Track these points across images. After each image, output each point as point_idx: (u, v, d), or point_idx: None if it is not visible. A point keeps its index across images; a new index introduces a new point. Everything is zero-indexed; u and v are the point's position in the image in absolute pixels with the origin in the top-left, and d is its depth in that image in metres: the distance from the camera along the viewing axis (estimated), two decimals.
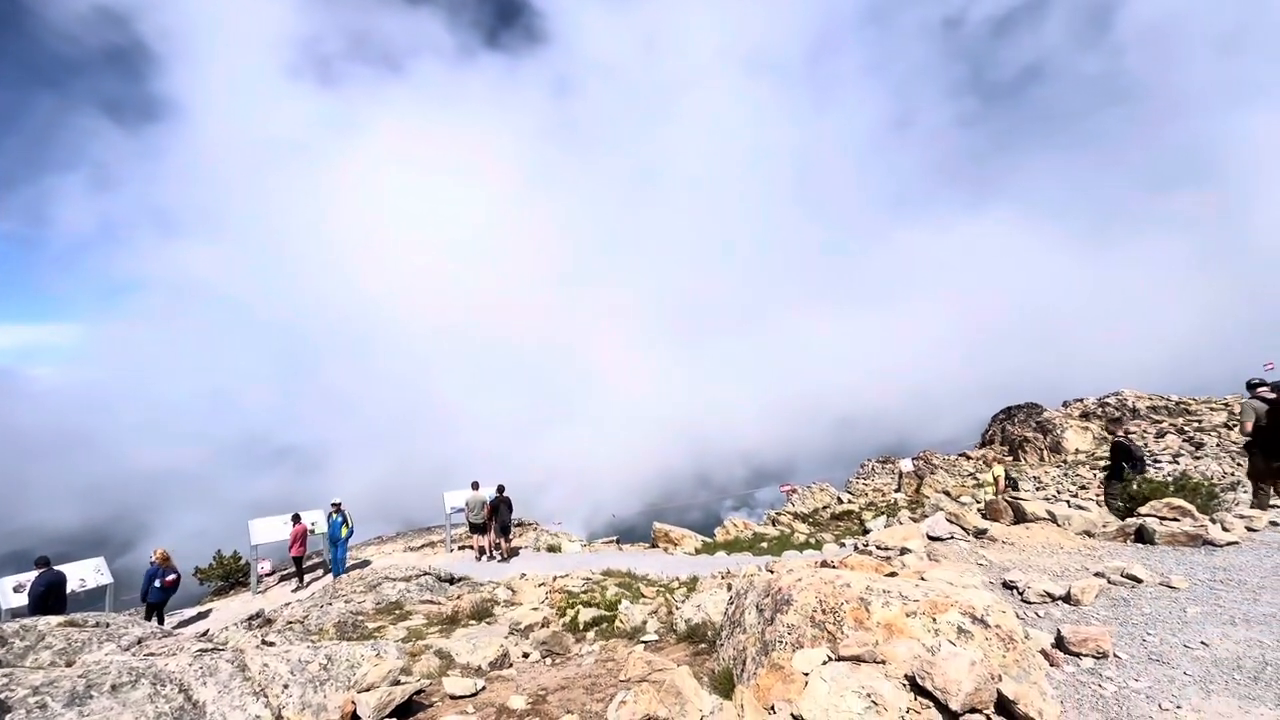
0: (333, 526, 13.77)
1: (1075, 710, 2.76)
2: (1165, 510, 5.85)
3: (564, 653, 5.46)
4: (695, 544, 19.40)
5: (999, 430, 22.03)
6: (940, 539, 5.34)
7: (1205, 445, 12.60)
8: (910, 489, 19.47)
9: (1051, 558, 5.02)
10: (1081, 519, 5.72)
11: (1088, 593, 3.95)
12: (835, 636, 3.10)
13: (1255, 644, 3.25)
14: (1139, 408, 17.18)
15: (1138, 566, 4.41)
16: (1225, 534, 5.26)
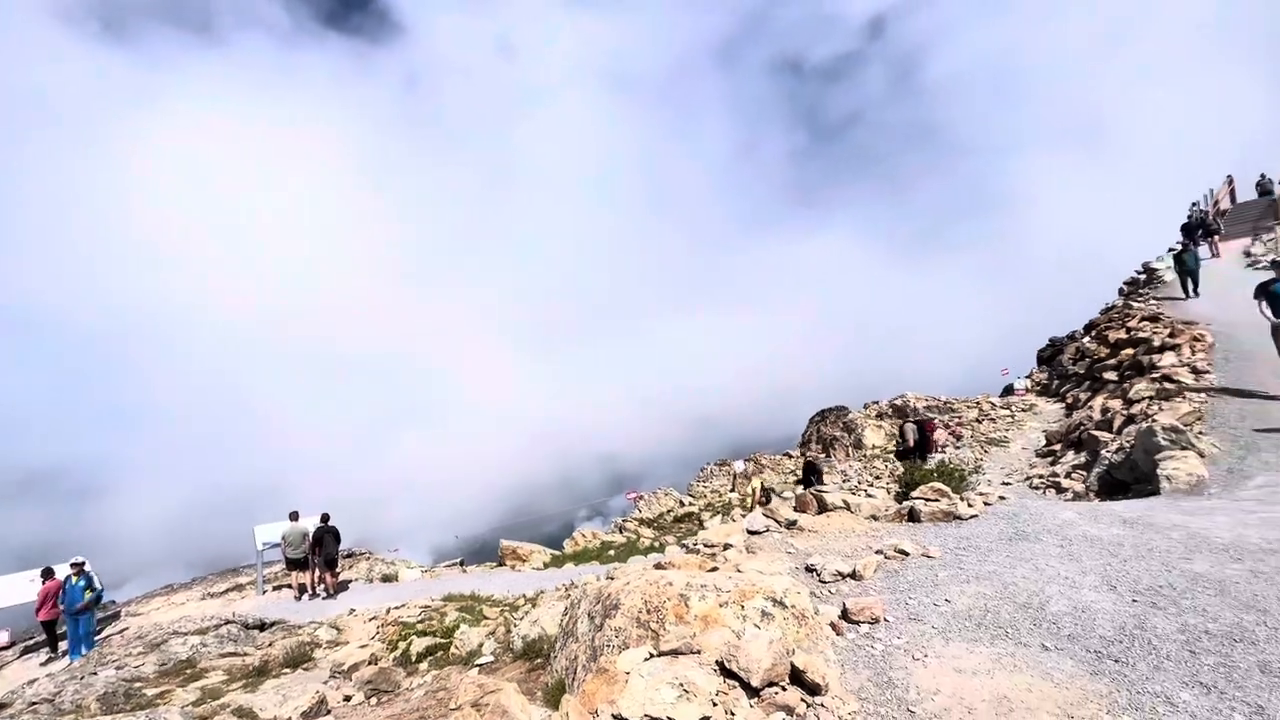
0: (70, 593, 10.73)
1: (852, 670, 3.23)
2: (929, 493, 7.04)
3: (392, 689, 5.10)
4: (544, 558, 19.18)
5: (815, 431, 24.89)
6: (758, 532, 5.90)
7: (964, 438, 15.33)
8: (744, 488, 21.19)
9: (845, 541, 5.79)
10: (870, 505, 6.68)
11: (869, 568, 4.64)
12: (658, 634, 3.30)
13: (981, 596, 4.06)
14: (918, 407, 20.51)
15: (907, 542, 5.26)
16: (970, 509, 6.47)
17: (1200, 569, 4.26)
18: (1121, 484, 8.20)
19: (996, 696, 2.81)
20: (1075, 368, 17.33)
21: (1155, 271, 20.06)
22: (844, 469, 16.77)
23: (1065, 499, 8.88)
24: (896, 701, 2.90)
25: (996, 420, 17.33)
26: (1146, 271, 20.33)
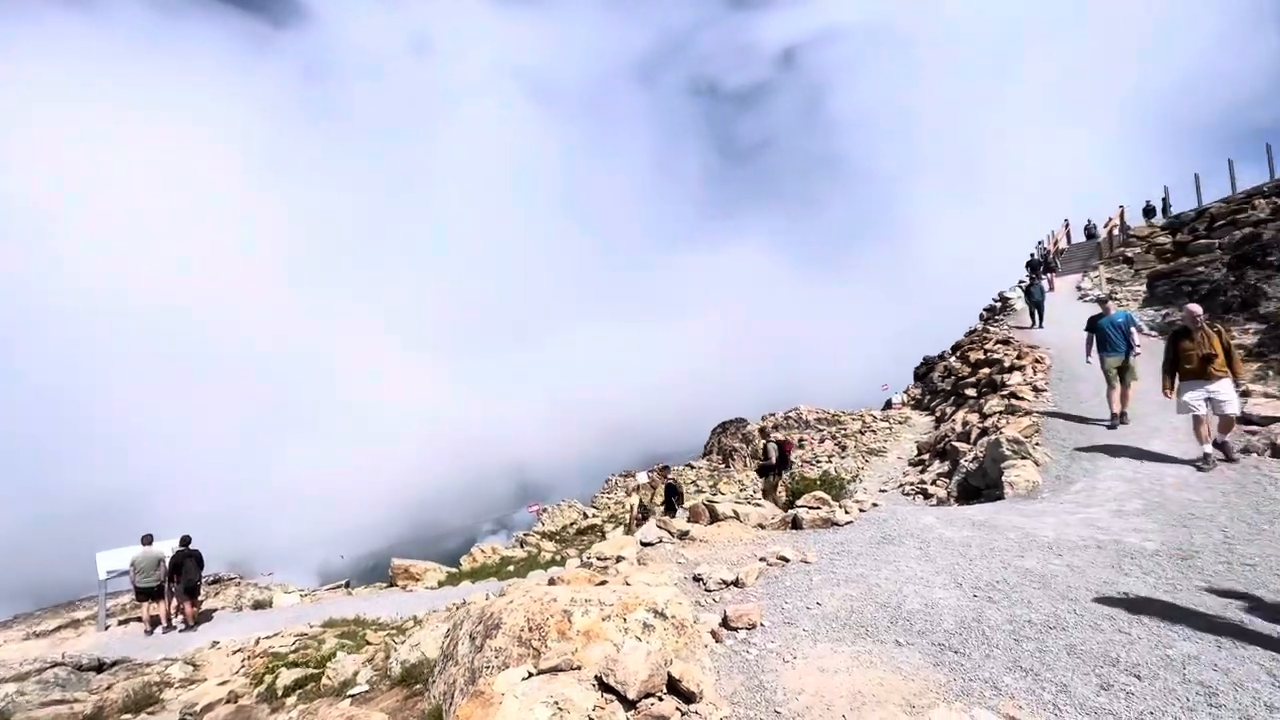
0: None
1: (727, 676, 3.36)
2: (812, 501, 7.50)
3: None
4: (439, 577, 18.34)
5: (716, 441, 25.75)
6: (651, 544, 6.00)
7: (848, 448, 16.45)
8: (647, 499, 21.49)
9: (733, 549, 6.02)
10: (758, 514, 7.01)
11: (750, 575, 4.85)
12: (539, 652, 3.26)
13: (848, 598, 4.37)
14: (809, 420, 21.82)
15: (788, 549, 5.56)
16: (846, 516, 6.95)
17: (1030, 565, 4.84)
18: (976, 490, 9.15)
19: (852, 692, 3.03)
20: (943, 384, 19.17)
21: (1008, 300, 22.70)
22: (740, 479, 17.44)
23: (930, 504, 9.77)
24: (765, 704, 3.05)
25: (877, 432, 18.78)
26: (1001, 300, 22.96)
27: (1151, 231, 23.04)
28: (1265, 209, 18.33)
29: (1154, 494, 6.40)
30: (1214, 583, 4.20)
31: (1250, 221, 18.02)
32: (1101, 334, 9.19)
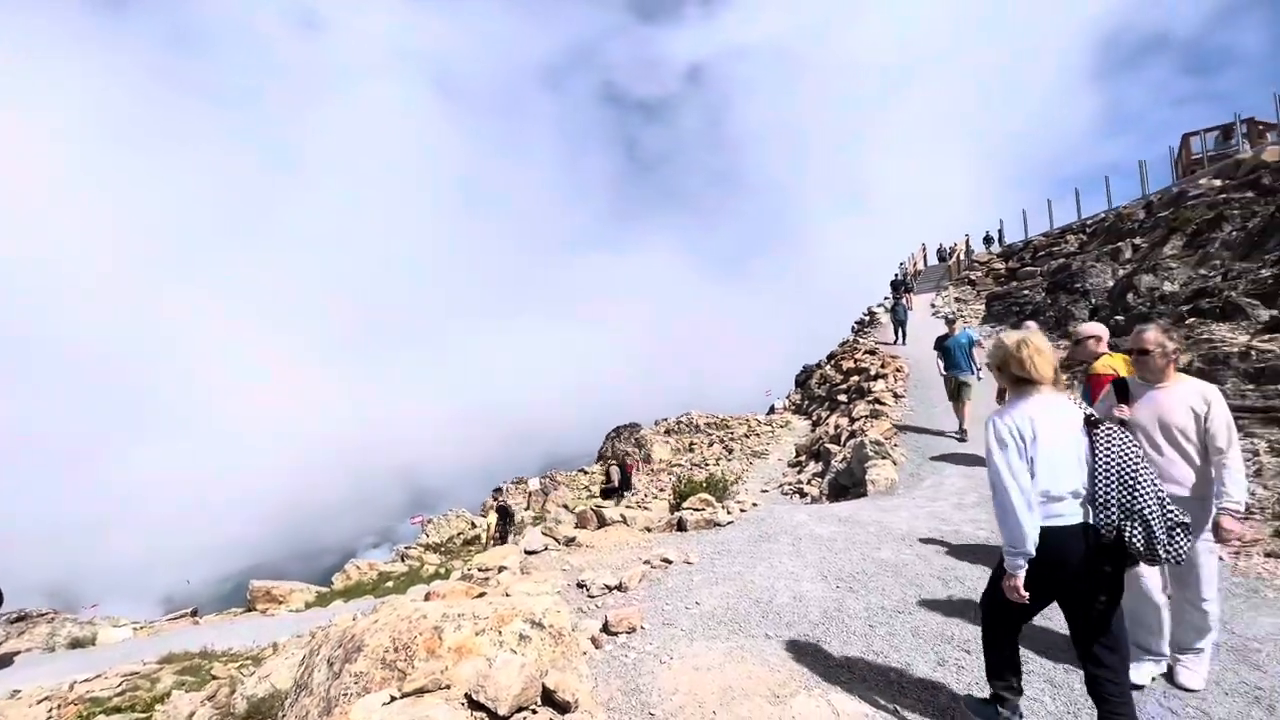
0: None
1: (605, 682, 3.34)
2: (697, 503, 7.73)
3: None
4: (307, 598, 16.81)
5: (610, 446, 25.88)
6: (535, 551, 5.87)
7: (734, 451, 17.17)
8: (538, 506, 21.09)
9: (619, 554, 6.05)
10: (644, 518, 7.10)
11: (634, 579, 4.89)
12: (405, 673, 3.05)
13: (726, 596, 4.53)
14: (700, 424, 22.58)
15: (672, 551, 5.67)
16: (728, 516, 7.23)
17: (885, 556, 5.29)
18: (845, 488, 9.90)
19: (723, 688, 3.13)
20: (820, 390, 20.62)
21: (875, 315, 24.92)
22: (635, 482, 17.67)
23: (805, 503, 10.43)
24: (640, 707, 3.07)
25: (761, 435, 19.81)
26: (869, 314, 25.16)
27: (990, 258, 26.36)
28: (1074, 243, 21.61)
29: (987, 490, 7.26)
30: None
31: (1063, 253, 21.17)
32: (947, 353, 9.69)
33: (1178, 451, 2.92)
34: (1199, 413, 2.89)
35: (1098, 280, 16.26)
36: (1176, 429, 2.91)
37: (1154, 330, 3.04)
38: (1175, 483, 2.91)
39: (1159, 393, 3.01)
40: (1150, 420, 2.99)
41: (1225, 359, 8.50)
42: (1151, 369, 3.04)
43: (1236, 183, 15.46)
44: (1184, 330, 10.25)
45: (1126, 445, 2.32)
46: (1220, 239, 13.62)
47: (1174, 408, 2.93)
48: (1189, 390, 2.98)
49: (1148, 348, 3.02)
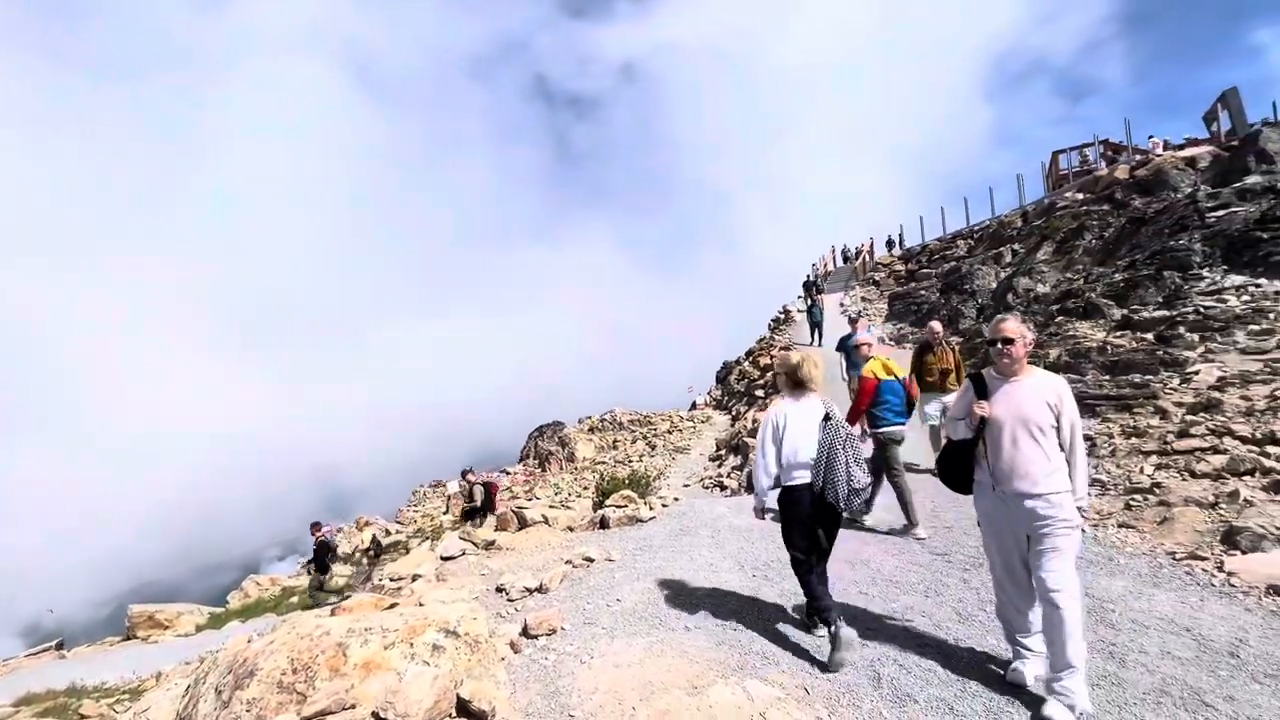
0: None
1: (523, 686, 3.28)
2: (620, 500, 7.75)
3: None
4: (198, 620, 15.41)
5: (533, 445, 25.49)
6: (452, 557, 5.67)
7: (657, 447, 17.38)
8: (458, 509, 20.40)
9: (540, 555, 5.95)
10: (566, 517, 7.04)
11: (555, 580, 4.83)
12: (305, 695, 2.85)
13: (647, 591, 4.56)
14: (624, 421, 22.70)
15: (593, 549, 5.65)
16: (650, 512, 7.29)
17: None
18: None
19: (643, 683, 3.15)
20: (739, 386, 21.28)
21: (790, 313, 26.02)
22: (555, 483, 17.47)
23: (725, 496, 10.72)
24: (560, 709, 3.03)
25: (683, 431, 20.18)
26: (784, 312, 26.24)
27: (891, 260, 28.21)
28: (963, 248, 23.53)
29: None
30: (928, 544, 5.20)
31: (955, 257, 23.00)
32: (849, 354, 9.35)
33: (1034, 447, 2.81)
34: (1054, 406, 2.82)
35: (983, 282, 17.79)
36: (1033, 424, 2.81)
37: (1014, 320, 2.94)
38: (1027, 479, 2.80)
39: (1013, 386, 2.90)
40: (1008, 415, 2.87)
41: (1086, 353, 9.54)
42: (1014, 359, 2.90)
43: (1095, 196, 17.41)
44: (1052, 328, 11.40)
45: (836, 434, 3.40)
46: (1082, 246, 15.28)
47: (1029, 401, 2.84)
48: (1042, 383, 2.89)
49: (1011, 336, 2.88)
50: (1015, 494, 2.83)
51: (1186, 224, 11.83)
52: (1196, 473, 5.58)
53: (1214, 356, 8.12)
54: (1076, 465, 2.81)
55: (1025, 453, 2.81)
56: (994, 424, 2.91)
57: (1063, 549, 2.73)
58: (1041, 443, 2.81)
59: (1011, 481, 2.84)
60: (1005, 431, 2.87)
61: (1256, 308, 8.86)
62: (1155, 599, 3.78)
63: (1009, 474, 2.85)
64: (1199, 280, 10.34)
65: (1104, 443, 6.95)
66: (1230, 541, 4.37)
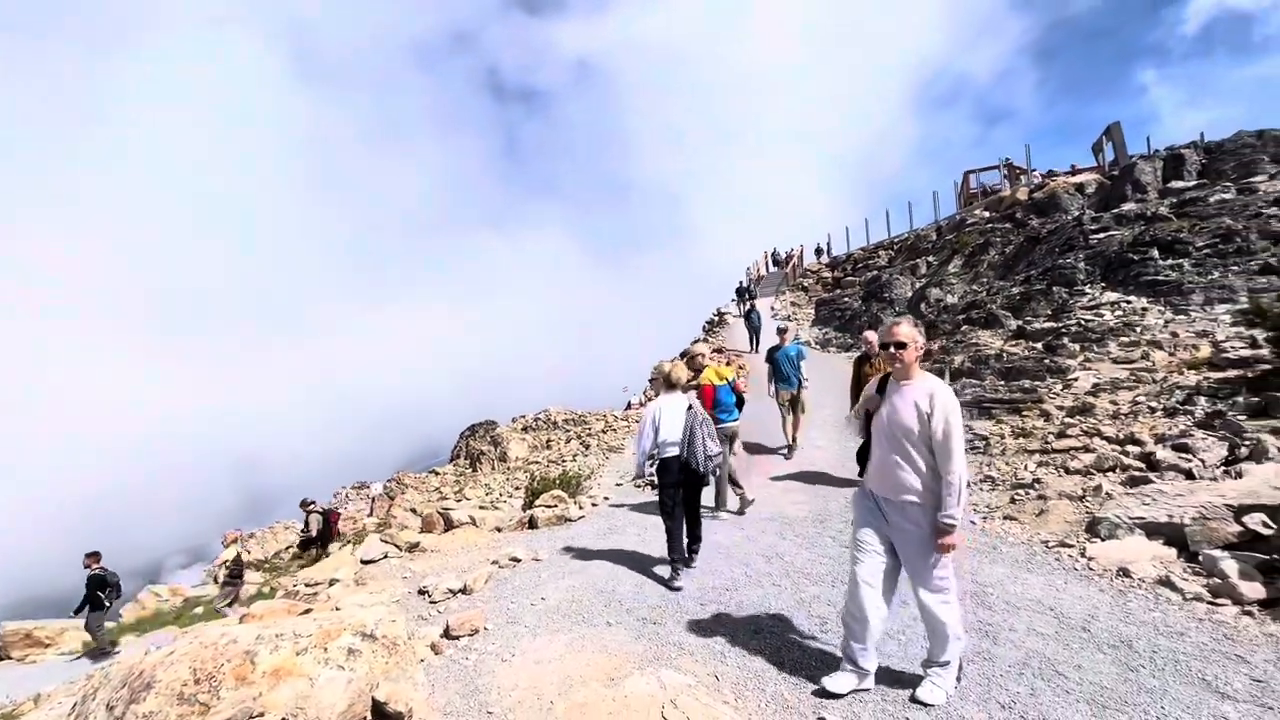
0: None
1: (443, 687, 3.29)
2: (550, 500, 7.77)
3: None
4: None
5: (464, 445, 24.91)
6: (373, 560, 5.54)
7: (591, 446, 17.43)
8: (382, 511, 19.69)
9: (466, 556, 5.92)
10: (495, 518, 7.00)
11: (480, 580, 4.82)
12: (209, 706, 2.76)
13: (572, 589, 4.64)
14: (558, 421, 22.58)
15: (520, 549, 5.67)
16: (579, 512, 7.37)
17: (720, 539, 5.74)
18: None
19: (563, 678, 3.24)
20: None
21: (725, 315, 26.70)
22: (486, 483, 17.21)
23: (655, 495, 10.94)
24: (478, 707, 3.06)
25: (618, 430, 20.31)
26: (719, 315, 26.91)
27: (819, 267, 29.49)
28: (885, 258, 24.91)
29: (810, 476, 8.13)
30: (838, 537, 5.55)
31: (877, 266, 24.31)
32: (776, 366, 9.10)
33: (903, 454, 2.77)
34: (924, 412, 2.74)
35: (901, 291, 18.93)
36: (903, 431, 2.77)
37: (906, 323, 2.89)
38: (891, 485, 2.80)
39: (895, 393, 2.87)
40: (887, 419, 2.85)
41: (986, 360, 10.38)
42: (903, 362, 2.84)
43: (999, 215, 18.90)
44: (958, 335, 12.31)
45: (695, 419, 4.70)
46: (987, 261, 16.55)
47: (904, 408, 2.79)
48: (918, 389, 2.81)
49: (903, 340, 2.82)
50: (883, 499, 2.86)
51: (1073, 244, 13.08)
52: (1070, 469, 6.23)
53: (1091, 365, 9.05)
54: (945, 477, 2.69)
55: (894, 458, 2.79)
56: (876, 427, 2.93)
57: (925, 557, 2.74)
58: (910, 450, 2.75)
59: (879, 485, 2.88)
60: (882, 435, 2.88)
61: (1127, 322, 9.95)
62: (1028, 583, 4.23)
63: (878, 478, 2.89)
64: (1082, 295, 11.47)
65: (996, 443, 7.62)
66: (1092, 530, 4.93)
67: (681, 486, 4.74)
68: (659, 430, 4.72)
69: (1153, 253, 11.10)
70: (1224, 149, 14.76)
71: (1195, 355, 8.15)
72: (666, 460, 4.72)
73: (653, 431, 4.75)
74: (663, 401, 4.88)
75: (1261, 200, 11.23)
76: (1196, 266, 10.38)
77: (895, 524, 2.85)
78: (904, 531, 2.82)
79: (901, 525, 2.82)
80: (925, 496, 2.75)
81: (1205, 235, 10.73)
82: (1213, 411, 6.34)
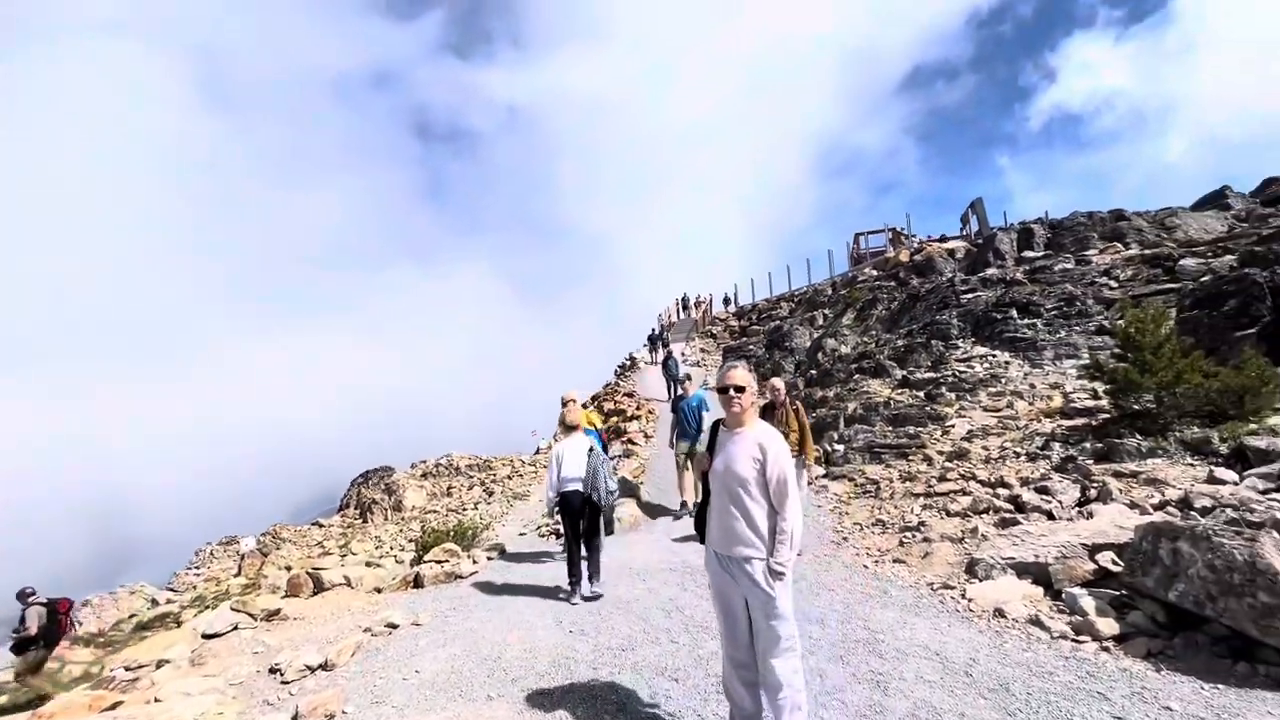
0: None
1: None
2: (441, 554, 7.18)
3: None
4: None
5: (355, 493, 22.97)
6: (218, 634, 4.78)
7: (495, 493, 16.61)
8: (253, 570, 17.49)
9: (335, 623, 5.25)
10: (375, 577, 6.33)
11: (344, 653, 4.25)
12: None
13: (452, 658, 4.19)
14: (460, 466, 21.44)
15: (399, 613, 5.11)
16: (473, 566, 6.84)
17: (621, 592, 5.49)
18: None
19: None
20: None
21: (636, 360, 26.91)
22: (377, 535, 15.83)
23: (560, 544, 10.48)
24: None
25: (524, 476, 19.55)
26: (631, 360, 27.09)
27: (727, 316, 30.67)
28: (786, 309, 26.34)
29: None
30: None
31: (779, 316, 25.62)
32: (678, 417, 8.60)
33: (744, 504, 2.64)
34: (758, 461, 2.63)
35: (800, 341, 19.95)
36: (738, 481, 2.64)
37: (742, 368, 2.79)
38: (727, 540, 2.67)
39: (729, 442, 2.75)
40: (723, 470, 2.72)
41: (876, 407, 11.00)
42: (741, 406, 2.73)
43: (885, 274, 20.61)
44: (851, 384, 13.03)
45: (597, 459, 5.49)
46: (876, 315, 17.85)
47: (739, 456, 2.67)
48: (751, 437, 2.69)
49: (741, 385, 2.72)
50: (724, 556, 2.70)
51: (947, 303, 14.41)
52: (951, 512, 6.58)
53: (965, 413, 9.81)
54: (779, 524, 2.61)
55: (731, 511, 2.66)
56: (712, 480, 2.78)
57: (766, 617, 2.60)
58: (745, 500, 2.62)
59: (719, 542, 2.72)
60: (718, 487, 2.73)
61: (994, 374, 10.94)
62: (916, 627, 4.30)
63: (717, 534, 2.74)
64: (956, 349, 12.56)
65: (886, 486, 7.97)
66: (971, 571, 5.17)
67: (581, 518, 5.45)
68: (563, 468, 5.44)
69: (1012, 313, 12.41)
70: (1064, 225, 17.07)
71: (1050, 405, 9.05)
72: (569, 495, 5.39)
73: (557, 469, 5.47)
74: (565, 443, 5.62)
75: (1094, 270, 12.98)
76: (1047, 326, 11.70)
77: (739, 581, 2.68)
78: (743, 588, 2.66)
79: (743, 582, 2.66)
80: (754, 548, 2.62)
81: (1053, 299, 12.17)
82: (1066, 456, 6.98)
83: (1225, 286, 8.82)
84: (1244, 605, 3.23)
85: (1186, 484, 5.52)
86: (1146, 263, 12.72)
